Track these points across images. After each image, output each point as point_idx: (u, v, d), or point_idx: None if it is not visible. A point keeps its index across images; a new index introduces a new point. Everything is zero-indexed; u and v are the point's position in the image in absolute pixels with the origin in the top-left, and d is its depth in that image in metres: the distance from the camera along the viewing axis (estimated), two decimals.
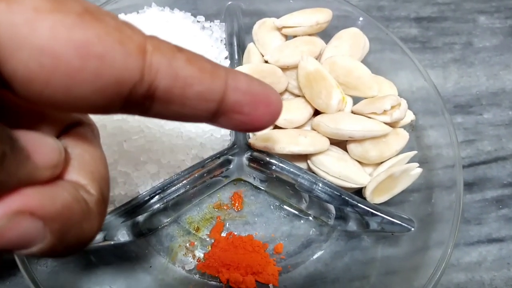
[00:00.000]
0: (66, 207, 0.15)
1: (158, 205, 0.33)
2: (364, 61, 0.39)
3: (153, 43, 0.15)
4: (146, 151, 0.33)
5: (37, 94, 0.14)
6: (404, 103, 0.34)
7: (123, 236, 0.33)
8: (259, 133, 0.35)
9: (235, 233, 0.36)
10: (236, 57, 0.39)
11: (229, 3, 0.42)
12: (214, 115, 0.17)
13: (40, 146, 0.15)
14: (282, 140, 0.34)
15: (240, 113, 0.18)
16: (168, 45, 0.16)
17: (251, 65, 0.36)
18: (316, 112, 0.36)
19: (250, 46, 0.40)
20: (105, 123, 0.32)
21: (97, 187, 0.17)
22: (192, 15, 0.41)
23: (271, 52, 0.37)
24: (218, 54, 0.39)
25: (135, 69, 0.14)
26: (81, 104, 0.15)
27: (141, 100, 0.15)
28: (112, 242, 0.33)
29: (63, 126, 0.18)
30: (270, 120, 0.19)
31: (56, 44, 0.13)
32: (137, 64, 0.14)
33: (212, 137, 0.36)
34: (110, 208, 0.32)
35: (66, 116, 0.18)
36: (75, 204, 0.15)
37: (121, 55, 0.14)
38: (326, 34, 0.39)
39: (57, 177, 0.16)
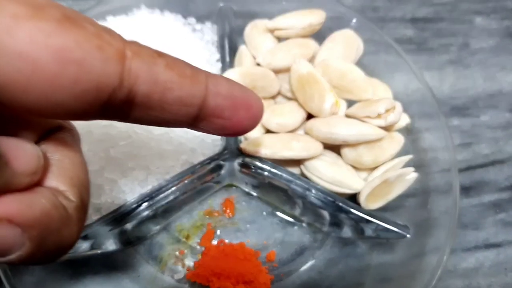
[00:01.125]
0: (44, 214, 0.15)
1: (147, 212, 0.32)
2: (359, 63, 0.38)
3: (132, 49, 0.15)
4: (133, 157, 0.32)
5: (16, 100, 0.14)
6: (399, 106, 0.33)
7: (110, 244, 0.33)
8: (251, 138, 0.35)
9: (226, 241, 0.35)
10: (228, 59, 0.38)
11: (221, 5, 0.41)
12: (194, 120, 0.18)
13: (19, 152, 0.15)
14: (275, 145, 0.33)
15: (221, 117, 0.18)
16: (148, 50, 0.16)
17: (242, 69, 0.36)
18: (309, 116, 0.35)
19: (241, 49, 0.39)
20: (91, 129, 0.31)
21: (77, 193, 0.17)
22: (183, 17, 0.40)
23: (263, 54, 0.36)
24: (209, 56, 0.38)
25: (114, 75, 0.14)
26: (60, 110, 0.15)
27: (120, 105, 0.15)
28: (99, 251, 0.32)
29: (42, 131, 0.18)
30: (251, 124, 0.19)
31: (35, 50, 0.13)
32: (116, 70, 0.14)
33: (203, 142, 0.35)
34: (97, 216, 0.31)
35: (46, 122, 0.18)
36: (54, 210, 0.15)
37: (100, 61, 0.14)
38: (319, 35, 0.39)
39: (36, 183, 0.16)
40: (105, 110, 0.15)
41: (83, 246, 0.31)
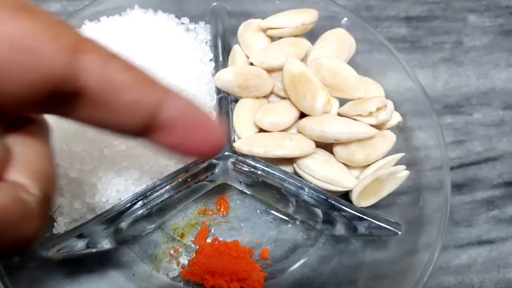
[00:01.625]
0: (2, 209, 0.15)
1: (142, 211, 0.32)
2: (352, 62, 0.38)
3: (89, 45, 0.15)
4: (127, 156, 0.32)
5: None
6: (390, 104, 0.33)
7: (106, 243, 0.33)
8: (244, 137, 0.35)
9: (221, 239, 0.35)
10: (221, 59, 0.38)
11: (214, 4, 0.41)
12: (144, 130, 0.17)
13: None
14: (267, 143, 0.33)
15: (173, 134, 0.17)
16: (105, 50, 0.16)
17: (235, 68, 0.36)
18: (302, 115, 0.35)
19: (235, 48, 0.39)
20: (85, 129, 0.31)
21: (40, 187, 0.17)
22: (176, 17, 0.40)
23: (256, 54, 0.37)
24: (202, 56, 0.38)
25: (65, 66, 0.14)
26: (7, 99, 0.14)
27: (68, 99, 0.15)
28: (94, 250, 0.33)
29: (8, 123, 0.17)
30: (207, 151, 0.19)
31: None
32: (67, 61, 0.14)
33: None
34: (91, 215, 0.31)
35: (12, 114, 0.18)
36: (12, 205, 0.15)
37: (53, 51, 0.14)
38: (312, 34, 0.39)
39: None
40: (53, 102, 0.15)
41: (78, 245, 0.31)
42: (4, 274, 0.28)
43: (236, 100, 0.38)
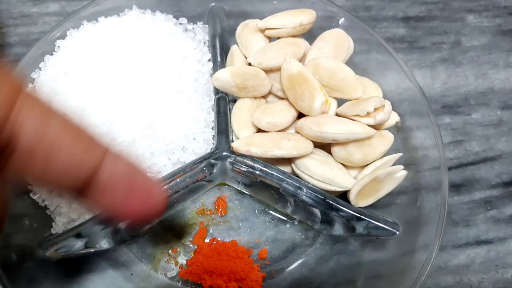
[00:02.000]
0: None
1: None
2: (350, 62, 0.38)
3: (28, 99, 0.15)
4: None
5: None
6: (388, 105, 0.33)
7: (104, 243, 0.33)
8: (242, 137, 0.35)
9: (219, 239, 0.35)
10: (219, 59, 0.38)
11: (212, 4, 0.41)
12: (81, 189, 0.17)
13: None
14: (265, 143, 0.33)
15: (112, 195, 0.17)
16: (45, 105, 0.15)
17: (233, 68, 0.36)
18: (300, 115, 0.35)
19: (233, 48, 0.39)
20: None
21: None
22: (174, 17, 0.40)
23: (254, 54, 0.37)
24: (200, 56, 0.38)
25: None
26: None
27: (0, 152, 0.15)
28: (93, 250, 0.33)
29: None
30: (147, 213, 0.18)
31: None
32: (1, 116, 0.14)
33: (195, 141, 0.35)
34: (89, 215, 0.31)
35: None
36: None
37: None
38: (310, 35, 0.39)
39: None
40: None
41: (77, 245, 0.31)
42: (3, 274, 0.28)
43: (234, 100, 0.38)
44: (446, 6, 0.52)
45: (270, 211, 0.37)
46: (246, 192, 0.37)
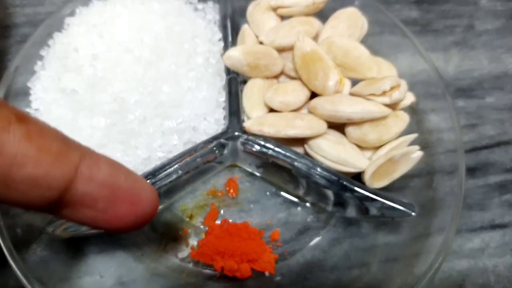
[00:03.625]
0: None
1: None
2: (362, 43, 0.37)
3: None
4: (136, 135, 0.31)
5: None
6: (404, 84, 0.33)
7: None
8: (254, 117, 0.34)
9: (230, 221, 0.35)
10: (230, 39, 0.38)
11: None
12: (54, 205, 0.15)
13: None
14: (278, 123, 0.33)
15: (92, 208, 0.15)
16: (4, 112, 0.14)
17: (245, 47, 0.35)
18: (313, 95, 0.35)
19: (244, 28, 0.38)
20: (93, 106, 0.31)
21: None
22: None
23: (266, 32, 0.36)
24: (211, 36, 0.38)
25: None
26: None
27: None
28: (101, 231, 0.32)
29: None
30: (134, 223, 0.16)
31: None
32: None
33: (206, 121, 0.35)
34: None
35: None
36: None
37: None
38: (322, 15, 0.38)
39: None
40: None
41: (84, 227, 0.31)
42: (15, 253, 0.27)
43: (244, 82, 0.37)
44: None
45: (282, 193, 0.37)
46: (257, 174, 0.37)
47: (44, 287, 0.27)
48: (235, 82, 0.36)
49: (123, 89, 0.31)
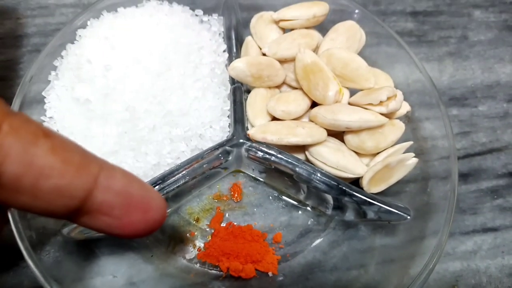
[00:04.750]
0: None
1: None
2: (360, 55, 0.39)
3: (12, 123, 0.14)
4: (146, 142, 0.33)
5: None
6: (400, 94, 0.35)
7: None
8: (257, 125, 0.36)
9: (235, 223, 0.36)
10: (234, 50, 0.39)
11: None
12: (75, 213, 0.16)
13: None
14: (281, 131, 0.34)
15: (109, 215, 0.16)
16: (32, 128, 0.15)
17: (249, 58, 0.37)
18: (314, 104, 0.37)
19: (248, 40, 0.40)
20: (106, 114, 0.33)
21: None
22: (190, 9, 0.41)
23: (269, 44, 0.38)
24: (216, 47, 0.39)
25: None
26: None
27: None
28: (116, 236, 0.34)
29: None
30: (145, 229, 0.17)
31: None
32: None
33: (211, 128, 0.36)
34: None
35: None
36: None
37: None
38: (322, 28, 0.40)
39: None
40: None
41: None
42: (33, 253, 0.29)
43: (248, 91, 0.39)
44: (453, 1, 0.53)
45: (284, 197, 0.38)
46: (260, 179, 0.38)
47: (61, 286, 0.28)
48: (239, 91, 0.37)
49: (133, 99, 0.32)
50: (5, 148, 0.14)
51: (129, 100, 0.32)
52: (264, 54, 0.38)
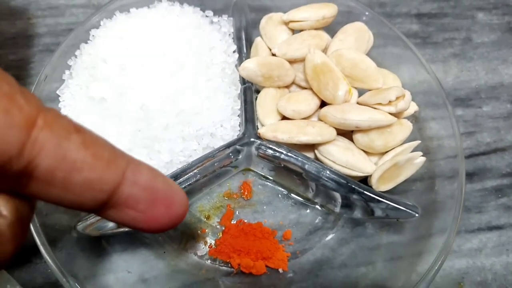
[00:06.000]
0: None
1: None
2: (368, 55, 0.40)
3: (46, 118, 0.14)
4: (159, 140, 0.34)
5: None
6: (408, 94, 0.35)
7: None
8: (267, 124, 0.36)
9: (245, 221, 0.37)
10: (245, 51, 0.40)
11: None
12: (102, 206, 0.16)
13: None
14: (291, 130, 0.35)
15: (134, 209, 0.17)
16: (64, 123, 0.15)
17: (259, 58, 0.37)
18: (323, 104, 0.37)
19: (257, 40, 0.41)
20: (119, 112, 0.33)
21: (11, 208, 0.16)
22: (200, 10, 0.42)
23: (279, 45, 0.38)
24: (226, 48, 0.40)
25: (15, 143, 0.13)
26: None
27: (16, 175, 0.14)
28: (126, 229, 0.34)
29: None
30: (168, 223, 0.18)
31: None
32: (18, 138, 0.13)
33: (222, 127, 0.37)
34: None
35: None
36: None
37: (3, 125, 0.13)
38: (330, 29, 0.40)
39: None
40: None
41: (111, 224, 0.33)
42: (50, 249, 0.29)
43: (257, 91, 0.40)
44: (457, 4, 0.54)
45: (293, 195, 0.39)
46: (270, 178, 0.39)
47: (77, 281, 0.29)
48: (250, 91, 0.38)
49: (147, 98, 0.33)
50: (40, 142, 0.14)
51: (143, 99, 0.33)
52: (273, 55, 0.39)
